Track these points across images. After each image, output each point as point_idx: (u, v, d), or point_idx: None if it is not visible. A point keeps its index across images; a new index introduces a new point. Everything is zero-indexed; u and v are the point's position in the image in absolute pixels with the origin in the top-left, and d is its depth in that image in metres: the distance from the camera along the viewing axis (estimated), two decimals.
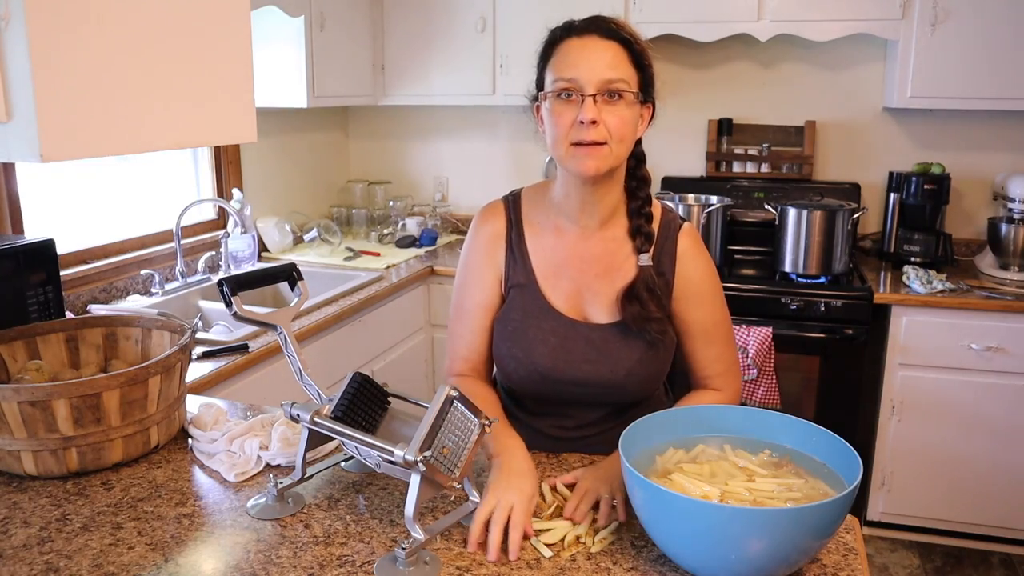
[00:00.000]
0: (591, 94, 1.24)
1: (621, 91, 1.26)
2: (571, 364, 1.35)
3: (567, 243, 1.39)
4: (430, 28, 3.34)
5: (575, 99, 1.25)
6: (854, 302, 2.75)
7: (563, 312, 1.37)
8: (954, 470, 2.81)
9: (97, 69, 1.24)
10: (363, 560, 1.07)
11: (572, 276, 1.38)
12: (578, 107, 1.24)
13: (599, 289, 1.37)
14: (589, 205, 1.36)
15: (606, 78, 1.24)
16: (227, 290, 1.20)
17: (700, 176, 3.46)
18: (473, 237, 1.46)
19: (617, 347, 1.35)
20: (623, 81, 1.26)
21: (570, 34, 1.28)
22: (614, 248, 1.38)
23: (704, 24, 3.03)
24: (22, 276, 1.76)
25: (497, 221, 1.44)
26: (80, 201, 2.55)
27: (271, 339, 2.17)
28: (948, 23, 2.81)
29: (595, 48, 1.26)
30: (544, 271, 1.39)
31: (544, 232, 1.41)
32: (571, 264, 1.38)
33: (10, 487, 1.28)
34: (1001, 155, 3.17)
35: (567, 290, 1.38)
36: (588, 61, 1.24)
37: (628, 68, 1.28)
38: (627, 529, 1.14)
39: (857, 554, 1.08)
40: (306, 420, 1.17)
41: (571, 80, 1.25)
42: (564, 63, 1.26)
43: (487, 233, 1.44)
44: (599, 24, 1.28)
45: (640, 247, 1.36)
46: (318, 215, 3.61)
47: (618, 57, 1.26)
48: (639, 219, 1.38)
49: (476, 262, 1.44)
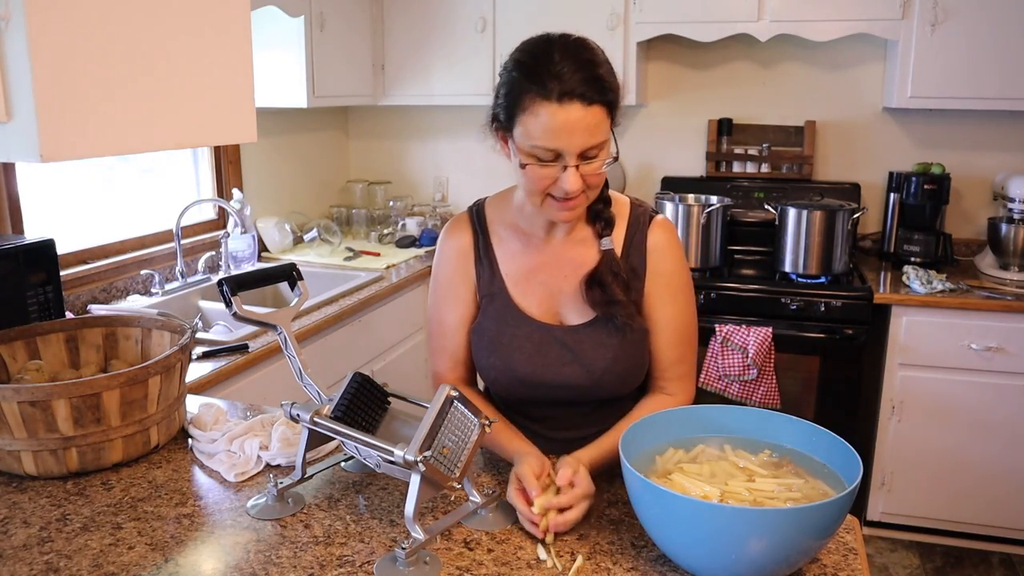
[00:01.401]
0: (573, 164, 1.19)
1: (601, 149, 1.22)
2: (548, 368, 1.35)
3: (535, 248, 1.39)
4: (430, 28, 3.34)
5: (554, 164, 1.20)
6: (854, 302, 2.75)
7: (536, 317, 1.37)
8: (954, 470, 2.81)
9: (97, 69, 1.24)
10: (363, 560, 1.07)
11: (543, 280, 1.37)
12: (557, 170, 1.20)
13: (570, 289, 1.36)
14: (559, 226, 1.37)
15: (588, 145, 1.19)
16: (227, 290, 1.20)
17: (700, 176, 3.46)
18: (441, 253, 1.44)
19: (591, 346, 1.34)
20: (603, 142, 1.21)
21: (549, 96, 1.16)
22: (581, 248, 1.37)
23: (704, 24, 3.03)
24: (22, 276, 1.76)
25: (463, 234, 1.42)
26: (80, 201, 2.55)
27: (271, 339, 2.17)
28: (948, 23, 2.81)
29: (578, 119, 1.16)
30: (514, 278, 1.38)
31: (511, 239, 1.40)
32: (541, 268, 1.38)
33: (10, 487, 1.28)
34: (1001, 155, 3.17)
35: (539, 295, 1.37)
36: (571, 134, 1.17)
37: (606, 123, 1.21)
38: (627, 529, 1.14)
39: (857, 554, 1.08)
40: (306, 420, 1.17)
41: (552, 150, 1.19)
42: (543, 132, 1.18)
43: (454, 248, 1.42)
44: (579, 88, 1.16)
45: (601, 232, 1.35)
46: (318, 215, 3.61)
47: (598, 119, 1.19)
48: (597, 204, 1.35)
49: (448, 278, 1.42)
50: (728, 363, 2.78)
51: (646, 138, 3.54)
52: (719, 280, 2.91)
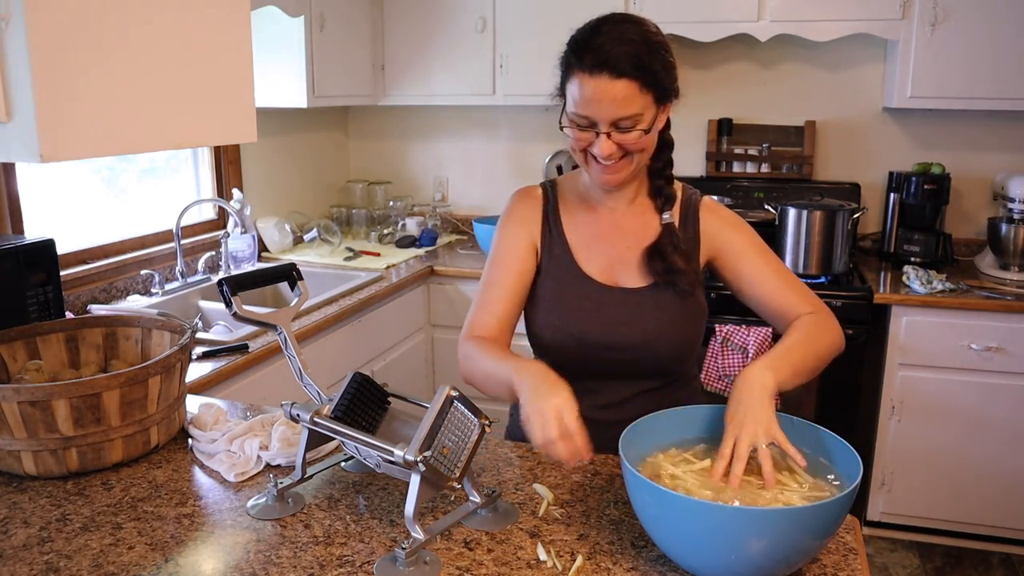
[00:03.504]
0: (605, 132, 1.28)
1: (633, 126, 1.28)
2: (606, 327, 1.39)
3: (600, 218, 1.46)
4: (430, 28, 3.34)
5: (590, 131, 1.30)
6: (854, 302, 2.75)
7: (597, 279, 1.43)
8: (954, 470, 2.81)
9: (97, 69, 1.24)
10: (363, 560, 1.07)
11: (605, 248, 1.44)
12: (594, 136, 1.30)
13: (631, 258, 1.43)
14: (614, 193, 1.44)
15: (618, 116, 1.27)
16: (227, 290, 1.20)
17: (700, 176, 3.46)
18: (510, 212, 1.49)
19: (650, 307, 1.40)
20: (636, 115, 1.27)
21: (583, 67, 1.26)
22: (642, 221, 1.45)
23: (704, 24, 3.03)
24: (22, 276, 1.76)
25: (533, 198, 1.49)
26: (80, 201, 2.55)
27: (271, 339, 2.17)
28: (948, 23, 2.81)
29: (606, 90, 1.25)
30: (579, 243, 1.45)
31: (578, 208, 1.47)
32: (604, 237, 1.45)
33: (10, 487, 1.28)
34: (1001, 155, 3.17)
35: (601, 261, 1.44)
36: (600, 103, 1.26)
37: (640, 99, 1.27)
38: (627, 529, 1.14)
39: (857, 554, 1.08)
40: (306, 420, 1.17)
41: (585, 117, 1.29)
42: (578, 100, 1.28)
43: (524, 207, 1.48)
44: (609, 59, 1.24)
45: (662, 207, 1.42)
46: (318, 215, 3.61)
47: (629, 92, 1.25)
48: (659, 180, 1.44)
49: (512, 233, 1.46)
50: (728, 363, 2.78)
51: None
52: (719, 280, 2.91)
